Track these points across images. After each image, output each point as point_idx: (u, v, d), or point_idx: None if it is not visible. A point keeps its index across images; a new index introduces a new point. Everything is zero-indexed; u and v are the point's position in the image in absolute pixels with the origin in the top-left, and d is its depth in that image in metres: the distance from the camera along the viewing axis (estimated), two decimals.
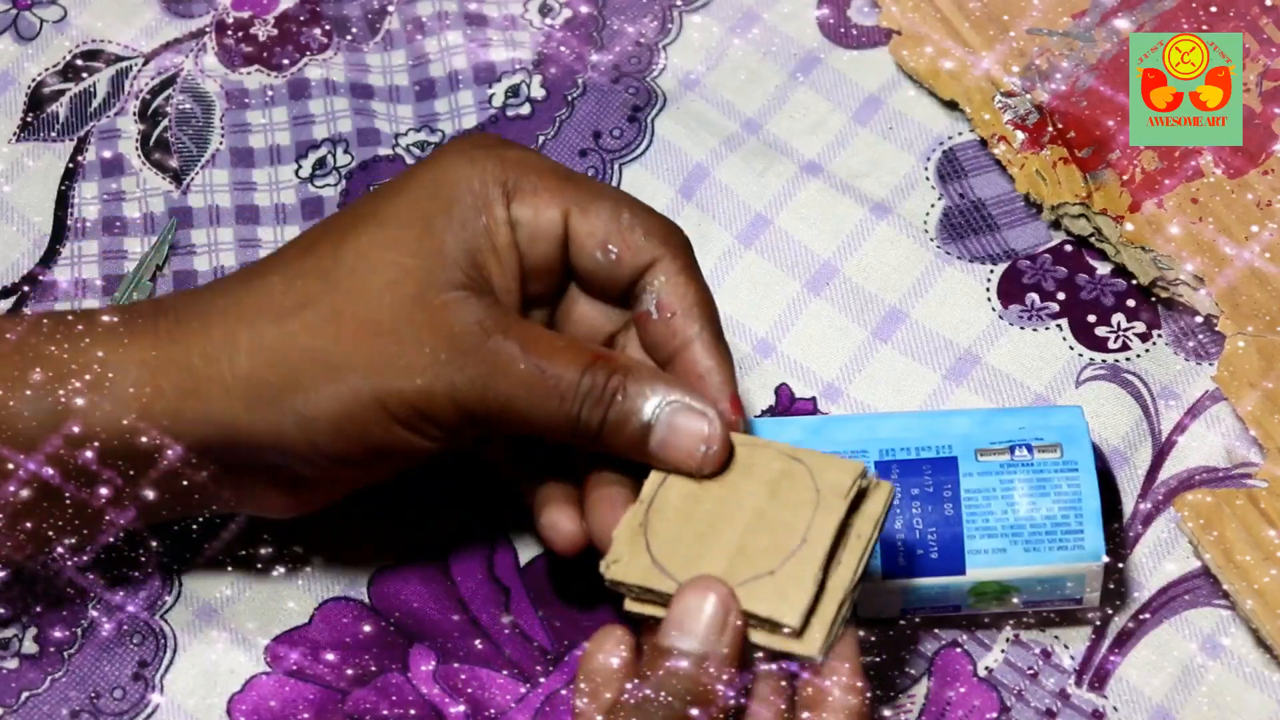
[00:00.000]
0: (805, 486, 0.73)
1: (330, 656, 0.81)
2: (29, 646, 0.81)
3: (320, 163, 0.92)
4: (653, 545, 0.73)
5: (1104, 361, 0.86)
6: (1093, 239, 0.87)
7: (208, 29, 0.95)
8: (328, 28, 0.95)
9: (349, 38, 0.94)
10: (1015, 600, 0.79)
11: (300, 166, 0.92)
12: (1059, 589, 0.79)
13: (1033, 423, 0.80)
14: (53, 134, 0.93)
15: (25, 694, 0.80)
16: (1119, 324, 0.87)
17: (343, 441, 0.73)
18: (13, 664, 0.80)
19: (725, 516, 0.72)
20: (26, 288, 0.89)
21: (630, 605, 0.73)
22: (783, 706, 0.71)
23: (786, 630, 0.70)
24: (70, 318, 0.74)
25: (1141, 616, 0.81)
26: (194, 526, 0.82)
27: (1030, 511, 0.78)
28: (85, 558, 0.78)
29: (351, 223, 0.75)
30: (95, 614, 0.81)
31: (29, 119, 0.93)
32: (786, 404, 0.86)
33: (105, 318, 0.74)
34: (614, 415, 0.72)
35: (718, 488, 0.73)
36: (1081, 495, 0.78)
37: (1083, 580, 0.79)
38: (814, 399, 0.86)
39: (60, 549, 0.75)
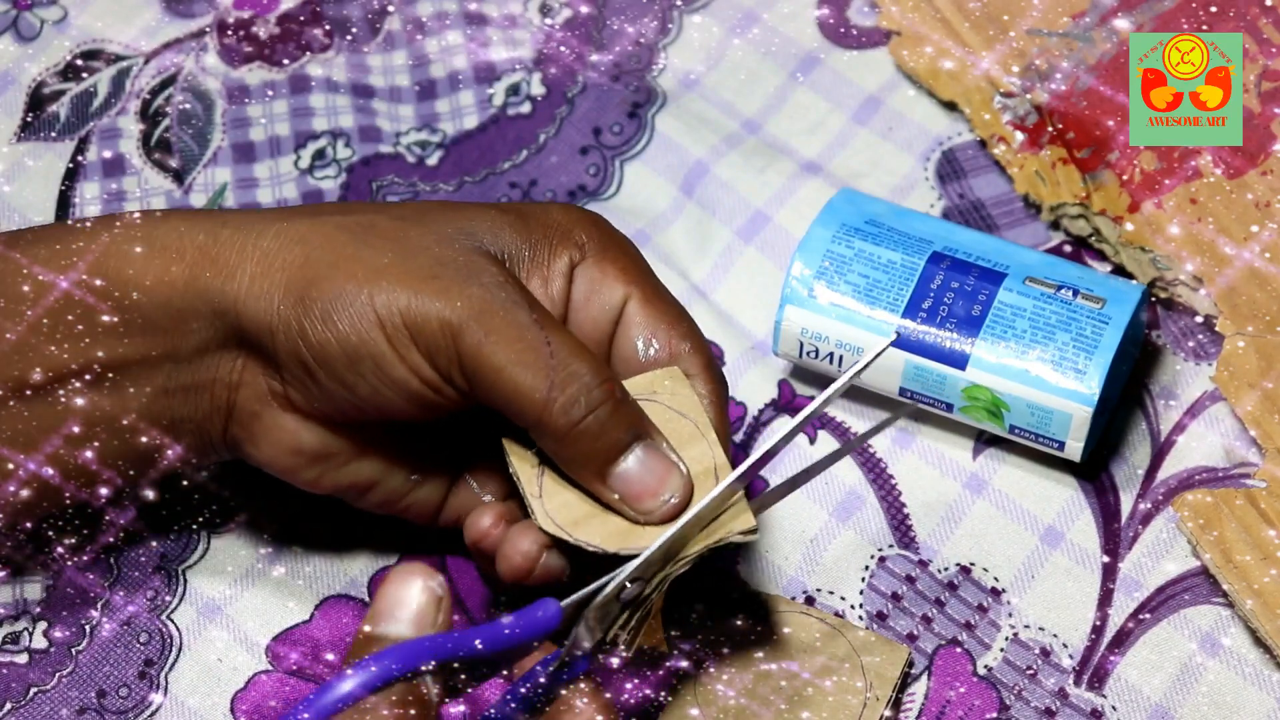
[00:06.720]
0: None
1: (331, 655, 0.81)
2: (39, 641, 0.81)
3: (319, 154, 0.92)
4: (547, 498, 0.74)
5: None
6: (1092, 239, 0.87)
7: (208, 29, 0.95)
8: (329, 28, 0.95)
9: (350, 38, 0.95)
10: (1004, 423, 0.81)
11: (299, 157, 0.92)
12: (1046, 423, 0.81)
13: (1093, 278, 0.82)
14: (54, 134, 0.93)
15: (33, 690, 0.80)
16: None
17: (332, 346, 0.72)
18: (22, 659, 0.80)
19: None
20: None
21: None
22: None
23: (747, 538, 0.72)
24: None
25: (1140, 615, 0.81)
26: (195, 526, 0.82)
27: (1046, 340, 0.80)
28: (88, 557, 0.78)
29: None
30: (102, 614, 0.81)
31: (30, 119, 0.93)
32: (788, 399, 0.86)
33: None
34: (593, 422, 0.72)
35: None
36: (1100, 344, 0.80)
37: (1069, 422, 0.80)
38: (813, 397, 0.86)
39: (69, 540, 0.75)
